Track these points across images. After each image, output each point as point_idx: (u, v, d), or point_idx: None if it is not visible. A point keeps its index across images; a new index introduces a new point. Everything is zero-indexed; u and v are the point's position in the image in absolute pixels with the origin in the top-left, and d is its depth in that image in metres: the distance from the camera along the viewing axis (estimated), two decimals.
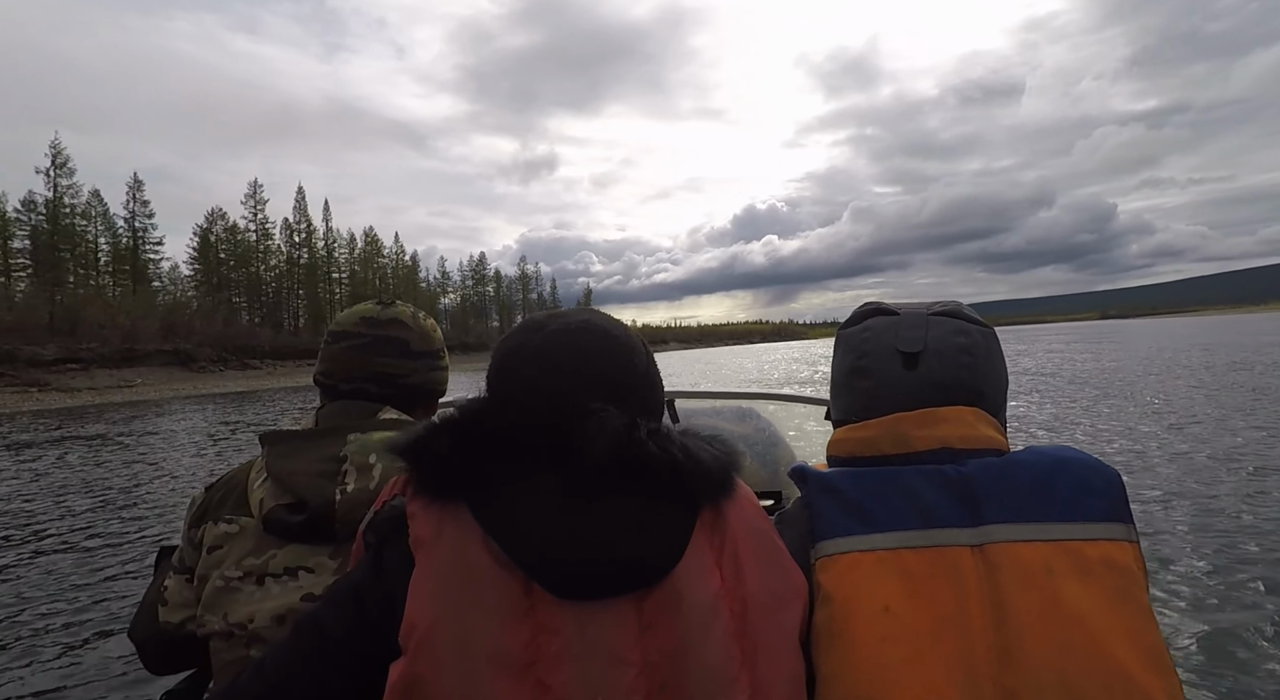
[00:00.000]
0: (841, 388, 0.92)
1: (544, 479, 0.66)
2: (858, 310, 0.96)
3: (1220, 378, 16.32)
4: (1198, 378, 16.75)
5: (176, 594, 1.05)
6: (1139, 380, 17.54)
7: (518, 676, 0.60)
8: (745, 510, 0.73)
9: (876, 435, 0.84)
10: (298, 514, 0.96)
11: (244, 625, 0.95)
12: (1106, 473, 0.79)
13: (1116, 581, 0.72)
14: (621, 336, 0.77)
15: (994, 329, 0.91)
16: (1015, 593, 0.72)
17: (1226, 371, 17.97)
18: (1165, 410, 11.67)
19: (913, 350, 0.85)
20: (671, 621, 0.64)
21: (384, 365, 1.11)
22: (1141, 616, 0.72)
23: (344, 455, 1.00)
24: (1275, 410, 10.82)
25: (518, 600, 0.62)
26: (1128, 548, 0.75)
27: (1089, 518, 0.75)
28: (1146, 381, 17.02)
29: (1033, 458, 0.80)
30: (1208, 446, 8.30)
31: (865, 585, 0.74)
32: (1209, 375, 17.26)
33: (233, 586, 0.97)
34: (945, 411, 0.83)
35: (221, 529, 1.01)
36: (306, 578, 0.95)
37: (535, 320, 0.78)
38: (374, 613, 0.66)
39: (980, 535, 0.75)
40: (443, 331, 1.24)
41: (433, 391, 1.19)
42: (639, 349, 0.77)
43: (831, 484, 0.82)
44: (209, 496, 1.07)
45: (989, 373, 0.87)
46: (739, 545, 0.70)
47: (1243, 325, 75.63)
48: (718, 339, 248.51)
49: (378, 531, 0.70)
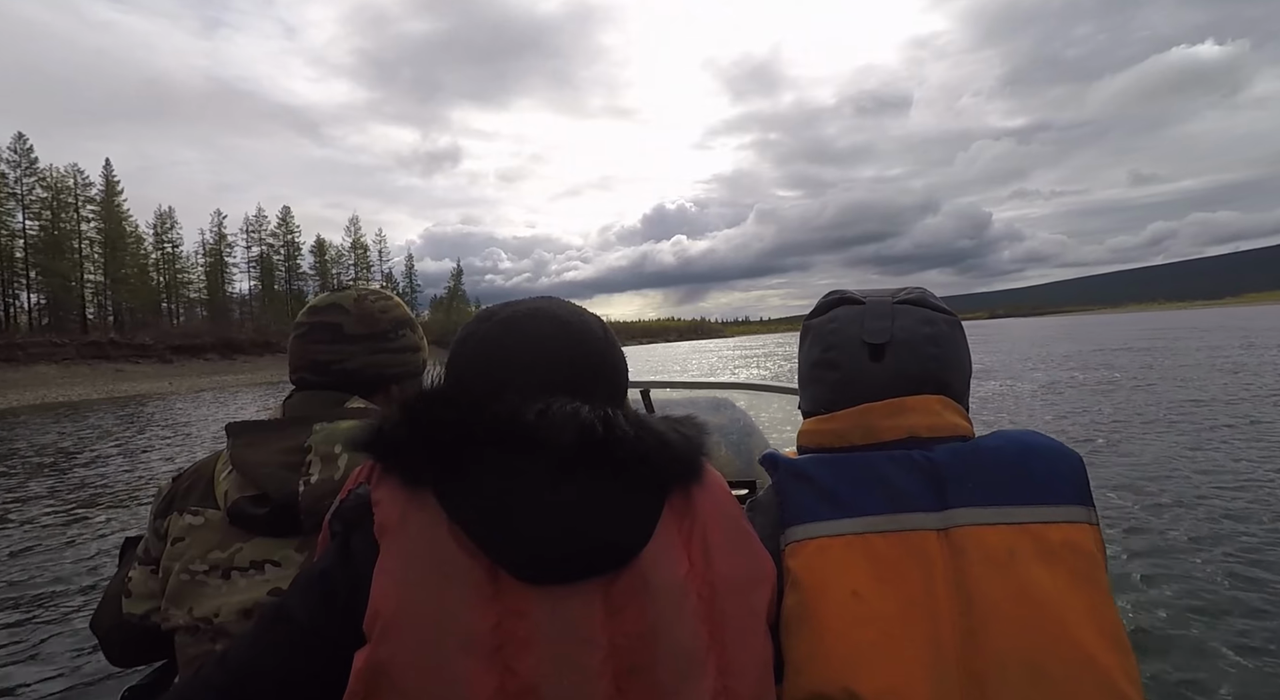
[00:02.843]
0: (809, 379, 0.93)
1: (509, 464, 0.65)
2: (823, 299, 0.95)
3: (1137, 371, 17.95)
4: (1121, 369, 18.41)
5: (141, 585, 1.03)
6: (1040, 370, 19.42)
7: (485, 660, 0.60)
8: (714, 494, 0.74)
9: (845, 427, 0.85)
10: (261, 506, 0.94)
11: (209, 619, 0.93)
12: (1069, 457, 0.81)
13: (1079, 564, 0.74)
14: (575, 321, 0.76)
15: (958, 316, 0.91)
16: (980, 576, 0.73)
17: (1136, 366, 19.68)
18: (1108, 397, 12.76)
19: (879, 341, 0.86)
20: (640, 604, 0.64)
21: (317, 352, 1.08)
22: (1102, 598, 0.73)
23: (308, 445, 0.98)
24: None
25: (484, 585, 0.62)
26: (1089, 530, 0.77)
27: (1052, 501, 0.77)
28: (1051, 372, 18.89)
29: (998, 442, 0.81)
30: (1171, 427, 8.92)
31: (834, 569, 0.75)
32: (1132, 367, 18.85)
33: (198, 580, 0.95)
34: (912, 401, 0.83)
35: (186, 521, 0.99)
36: (273, 571, 0.94)
37: (489, 309, 0.78)
38: (341, 600, 0.66)
39: (946, 519, 0.76)
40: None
41: (381, 375, 1.11)
42: (595, 333, 0.76)
43: (802, 470, 0.82)
44: (175, 486, 1.05)
45: (954, 361, 0.88)
46: (708, 529, 0.70)
47: (1103, 323, 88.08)
48: (631, 336, 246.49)
49: (343, 519, 0.70)
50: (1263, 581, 3.86)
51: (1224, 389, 12.17)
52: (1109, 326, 69.76)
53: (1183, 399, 11.18)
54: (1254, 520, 4.90)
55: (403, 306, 1.17)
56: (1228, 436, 7.91)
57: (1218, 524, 4.88)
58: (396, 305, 1.16)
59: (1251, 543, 4.48)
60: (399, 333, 1.14)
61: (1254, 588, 3.79)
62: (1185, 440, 7.87)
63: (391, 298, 1.17)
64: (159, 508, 1.04)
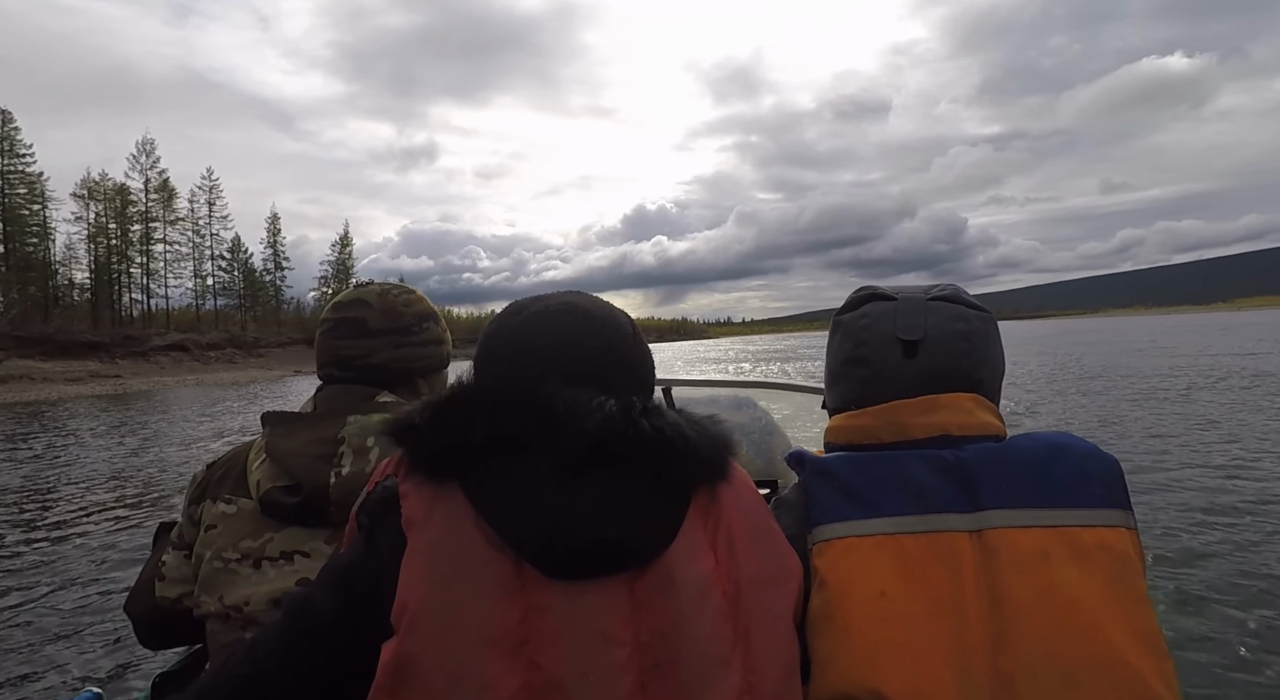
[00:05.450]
0: (838, 376, 0.91)
1: (535, 459, 0.65)
2: (854, 295, 0.94)
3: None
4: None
5: (174, 570, 1.05)
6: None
7: (509, 655, 0.60)
8: (740, 492, 0.73)
9: (874, 423, 0.84)
10: (293, 496, 0.96)
11: (239, 608, 0.94)
12: (1105, 460, 0.79)
13: (1114, 567, 0.72)
14: (604, 316, 0.76)
15: (991, 313, 0.90)
16: (1011, 578, 0.72)
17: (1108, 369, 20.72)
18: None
19: (912, 338, 0.84)
20: (664, 601, 0.64)
21: (343, 348, 1.09)
22: (1137, 601, 0.72)
23: (341, 437, 0.99)
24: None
25: (509, 579, 0.62)
26: (1125, 534, 0.75)
27: (1086, 504, 0.75)
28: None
29: (1031, 443, 0.80)
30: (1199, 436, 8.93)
31: (861, 569, 0.74)
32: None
33: (230, 568, 0.96)
34: (944, 398, 0.82)
35: (220, 509, 1.01)
36: (303, 562, 0.95)
37: (518, 303, 0.78)
38: (365, 593, 0.66)
39: (978, 521, 0.75)
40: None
41: (406, 369, 1.12)
42: (623, 329, 0.76)
43: (828, 469, 0.81)
44: (209, 474, 1.07)
45: (987, 359, 0.86)
46: (733, 527, 0.70)
47: (1076, 327, 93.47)
48: None
49: (369, 512, 0.70)
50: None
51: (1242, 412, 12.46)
52: (1084, 331, 72.86)
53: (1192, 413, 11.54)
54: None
55: (426, 301, 1.18)
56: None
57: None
58: (419, 299, 1.17)
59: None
60: (422, 326, 1.15)
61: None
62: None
63: (414, 291, 1.18)
64: (193, 494, 1.07)
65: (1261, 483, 6.12)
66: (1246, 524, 4.96)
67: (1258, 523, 4.97)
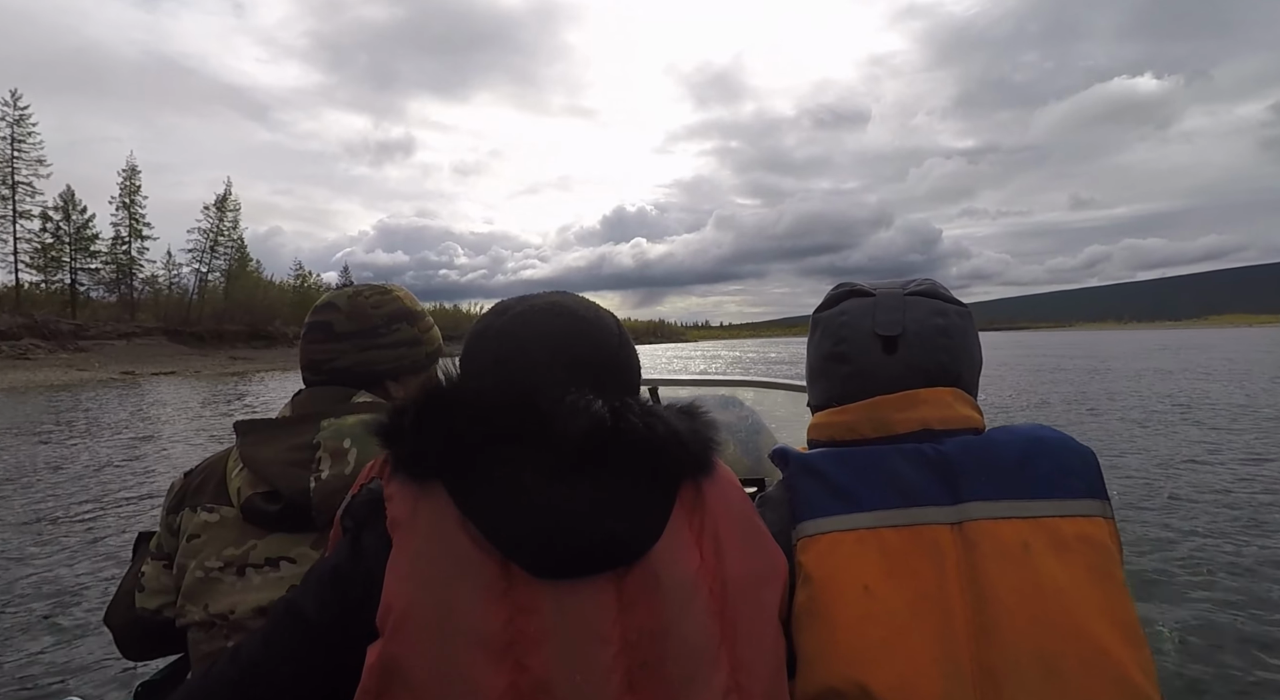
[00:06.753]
0: (819, 372, 0.92)
1: (520, 458, 0.65)
2: (833, 292, 0.95)
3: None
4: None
5: (154, 580, 1.03)
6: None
7: (496, 656, 0.60)
8: (725, 489, 0.73)
9: (856, 419, 0.84)
10: (274, 503, 0.95)
11: (225, 616, 0.93)
12: (1082, 451, 0.80)
13: (1093, 558, 0.73)
14: (590, 316, 0.76)
15: (968, 307, 0.91)
16: (993, 570, 0.73)
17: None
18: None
19: (891, 334, 0.85)
20: (651, 600, 0.64)
21: (314, 352, 1.09)
22: (1117, 592, 0.73)
23: (317, 442, 0.98)
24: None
25: (495, 580, 0.62)
26: (1103, 524, 0.76)
27: (1065, 495, 0.76)
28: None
29: (1009, 436, 0.81)
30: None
31: (846, 565, 0.75)
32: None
33: (213, 577, 0.95)
34: (925, 393, 0.83)
35: (201, 517, 0.99)
36: (288, 568, 0.94)
37: (504, 303, 0.78)
38: (352, 595, 0.66)
39: (959, 513, 0.76)
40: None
41: (371, 372, 1.09)
42: (610, 329, 0.76)
43: (813, 465, 0.82)
44: (187, 482, 1.06)
45: (966, 353, 0.88)
46: (719, 524, 0.70)
47: (1047, 340, 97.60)
48: None
49: (355, 515, 0.70)
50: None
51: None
52: (1049, 342, 75.17)
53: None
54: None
55: (402, 301, 1.15)
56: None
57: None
58: (394, 300, 1.14)
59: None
60: (392, 327, 1.12)
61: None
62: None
63: (390, 292, 1.15)
64: (171, 503, 1.05)
65: (1222, 475, 6.45)
66: (1207, 513, 5.24)
67: (1216, 510, 5.30)
